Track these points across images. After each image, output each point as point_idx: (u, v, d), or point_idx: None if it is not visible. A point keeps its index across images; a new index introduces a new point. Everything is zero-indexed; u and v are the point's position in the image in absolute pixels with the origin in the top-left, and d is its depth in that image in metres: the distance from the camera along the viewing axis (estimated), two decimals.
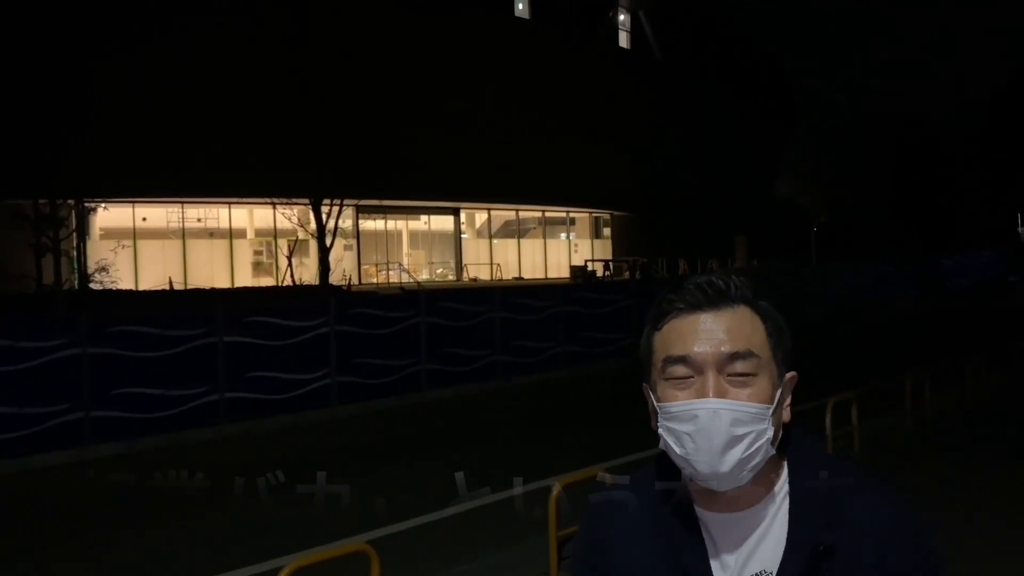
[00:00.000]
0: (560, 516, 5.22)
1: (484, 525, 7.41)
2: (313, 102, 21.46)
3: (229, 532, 7.69)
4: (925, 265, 37.21)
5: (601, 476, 5.77)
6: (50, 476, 10.10)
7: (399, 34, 27.28)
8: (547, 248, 41.30)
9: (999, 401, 12.41)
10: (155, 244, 29.77)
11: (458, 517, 7.68)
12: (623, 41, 41.02)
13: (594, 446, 10.30)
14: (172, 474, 10.06)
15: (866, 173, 53.63)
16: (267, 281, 29.43)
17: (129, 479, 9.97)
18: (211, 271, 29.61)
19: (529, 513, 6.87)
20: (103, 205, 27.04)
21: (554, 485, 5.42)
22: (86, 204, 24.05)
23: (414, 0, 28.42)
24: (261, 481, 9.60)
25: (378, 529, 7.21)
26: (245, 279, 30.00)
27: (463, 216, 38.49)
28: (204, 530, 7.78)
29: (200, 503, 8.62)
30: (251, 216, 32.10)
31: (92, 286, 21.27)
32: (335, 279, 25.18)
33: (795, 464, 1.29)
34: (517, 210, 40.26)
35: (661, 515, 1.31)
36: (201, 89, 24.00)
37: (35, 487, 9.78)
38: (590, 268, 37.14)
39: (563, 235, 42.70)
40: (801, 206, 51.19)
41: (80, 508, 8.79)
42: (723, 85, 43.60)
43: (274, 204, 25.54)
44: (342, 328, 13.76)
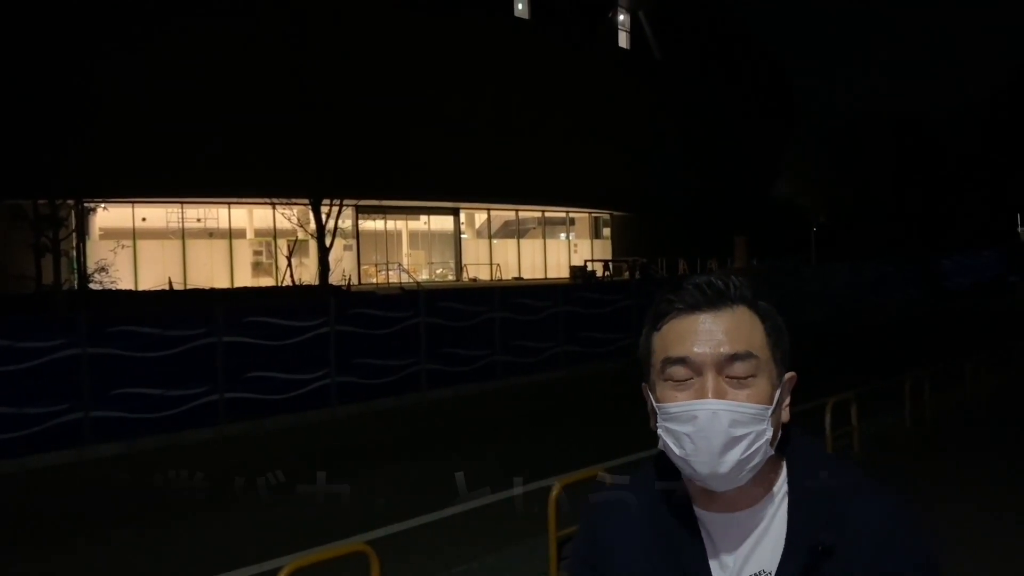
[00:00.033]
0: (560, 516, 5.22)
1: (484, 525, 7.42)
2: (313, 102, 21.44)
3: (229, 532, 7.69)
4: (925, 265, 37.18)
5: (601, 476, 5.77)
6: (50, 476, 10.10)
7: (399, 34, 27.27)
8: (547, 248, 41.30)
9: (999, 401, 12.42)
10: (155, 244, 29.77)
11: (458, 517, 7.69)
12: (623, 41, 41.01)
13: (594, 446, 10.30)
14: (172, 474, 10.11)
15: (866, 173, 53.60)
16: (267, 281, 29.43)
17: (129, 479, 9.99)
18: (211, 271, 29.62)
19: (529, 513, 6.87)
20: (103, 205, 27.09)
21: (554, 485, 5.42)
22: (86, 204, 24.09)
23: (414, 0, 28.42)
24: (261, 481, 9.64)
25: (378, 529, 7.21)
26: (245, 279, 30.00)
27: (463, 216, 38.49)
28: (204, 530, 7.78)
29: (200, 503, 8.63)
30: (251, 216, 32.10)
31: (92, 286, 21.26)
32: (335, 279, 25.16)
33: (794, 464, 1.29)
34: (517, 210, 40.26)
35: (660, 515, 1.32)
36: (201, 89, 23.99)
37: (35, 487, 9.77)
38: (590, 268, 37.14)
39: (563, 235, 42.69)
40: (801, 206, 51.18)
41: (80, 508, 8.79)
42: (723, 85, 43.56)
43: (274, 204, 25.54)
44: (342, 328, 13.75)
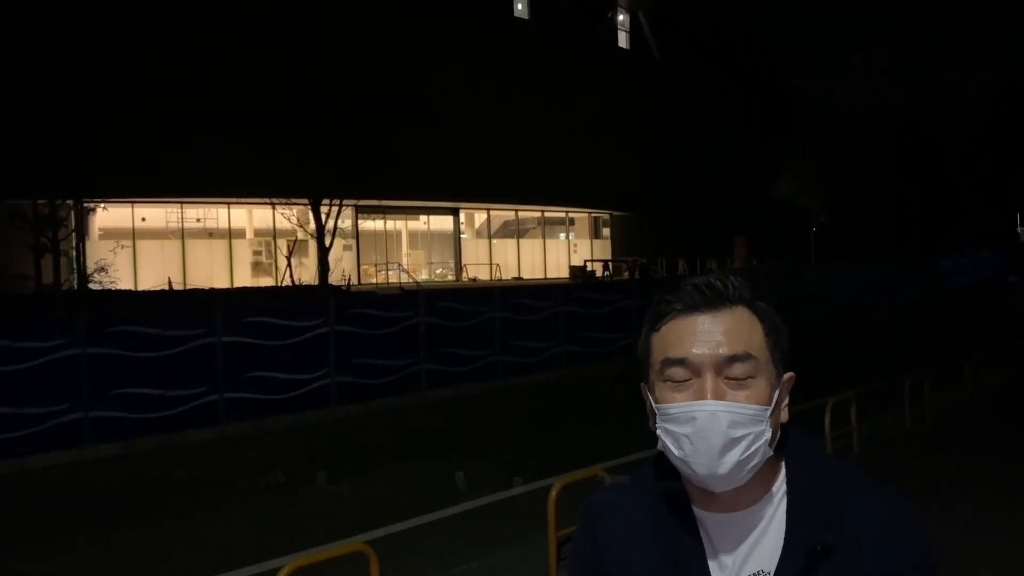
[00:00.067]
0: (559, 516, 5.22)
1: (484, 525, 7.42)
2: (313, 102, 21.45)
3: (228, 532, 7.69)
4: (925, 265, 37.19)
5: (601, 476, 5.78)
6: (50, 476, 10.10)
7: (399, 34, 27.28)
8: (546, 248, 41.29)
9: (999, 401, 12.42)
10: (154, 244, 29.76)
11: (458, 517, 7.69)
12: (622, 41, 41.02)
13: (594, 446, 10.30)
14: (171, 474, 10.11)
15: (866, 173, 53.58)
16: (266, 281, 29.42)
17: (129, 479, 9.99)
18: (210, 271, 29.61)
19: (529, 513, 6.87)
20: (102, 205, 27.09)
21: (554, 485, 5.43)
22: (85, 204, 24.09)
23: (414, 0, 28.43)
24: (261, 481, 9.63)
25: (378, 529, 7.21)
26: (244, 279, 29.98)
27: (462, 216, 38.48)
28: (203, 530, 7.78)
29: (199, 503, 8.63)
30: (250, 216, 32.10)
31: (91, 286, 21.25)
32: (334, 279, 25.16)
33: (793, 464, 1.29)
34: (516, 210, 40.25)
35: (660, 515, 1.32)
36: (201, 89, 23.99)
37: (35, 487, 9.77)
38: (589, 268, 37.14)
39: (562, 235, 42.69)
40: (801, 206, 51.16)
41: (80, 508, 8.80)
42: (723, 85, 43.58)
43: (273, 204, 25.54)
44: (341, 328, 13.75)
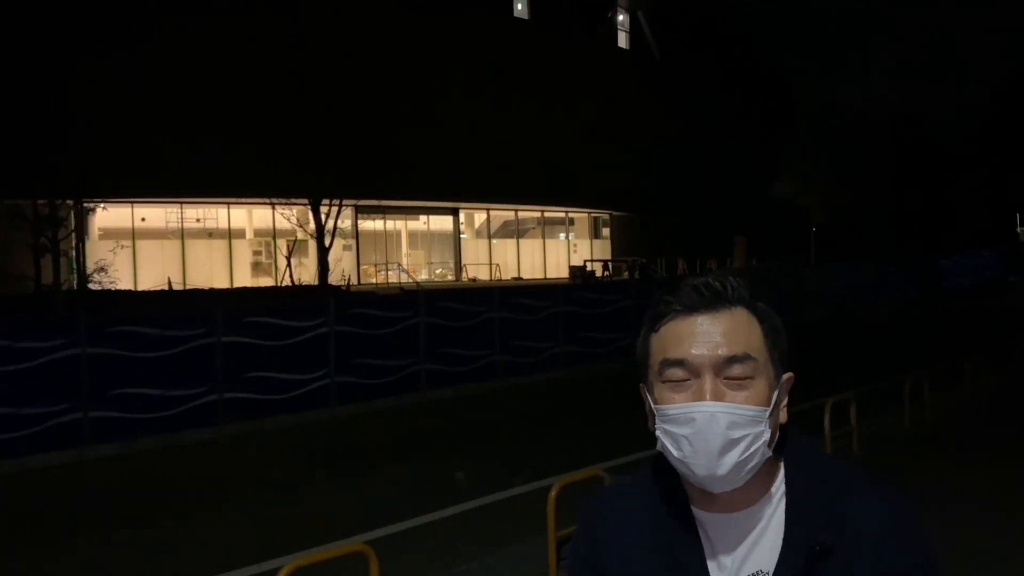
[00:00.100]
0: (559, 516, 5.22)
1: (484, 525, 7.42)
2: (313, 102, 21.45)
3: (228, 532, 7.69)
4: (925, 265, 37.20)
5: (600, 476, 5.78)
6: (50, 476, 10.10)
7: (399, 34, 27.28)
8: (546, 248, 41.28)
9: (999, 401, 12.42)
10: (154, 244, 29.76)
11: (458, 517, 7.69)
12: (622, 41, 41.02)
13: (594, 446, 10.30)
14: (171, 474, 10.10)
15: (866, 173, 53.64)
16: (266, 281, 29.42)
17: (129, 479, 9.99)
18: (210, 271, 29.61)
19: (529, 513, 6.87)
20: (102, 205, 27.09)
21: (553, 485, 5.43)
22: (85, 204, 24.09)
23: (414, 0, 28.43)
24: (260, 481, 9.62)
25: (378, 529, 7.21)
26: (244, 279, 29.99)
27: (462, 216, 38.48)
28: (203, 530, 7.78)
29: (199, 503, 8.63)
30: (250, 216, 32.10)
31: (91, 286, 21.26)
32: (334, 279, 25.16)
33: (792, 465, 1.29)
34: (516, 210, 40.25)
35: (659, 516, 1.32)
36: (201, 89, 24.00)
37: (35, 487, 9.77)
38: (589, 268, 37.14)
39: (562, 235, 42.68)
40: (801, 206, 51.22)
41: (80, 508, 8.80)
42: (723, 85, 43.58)
43: (273, 204, 25.54)
44: (341, 328, 13.75)
